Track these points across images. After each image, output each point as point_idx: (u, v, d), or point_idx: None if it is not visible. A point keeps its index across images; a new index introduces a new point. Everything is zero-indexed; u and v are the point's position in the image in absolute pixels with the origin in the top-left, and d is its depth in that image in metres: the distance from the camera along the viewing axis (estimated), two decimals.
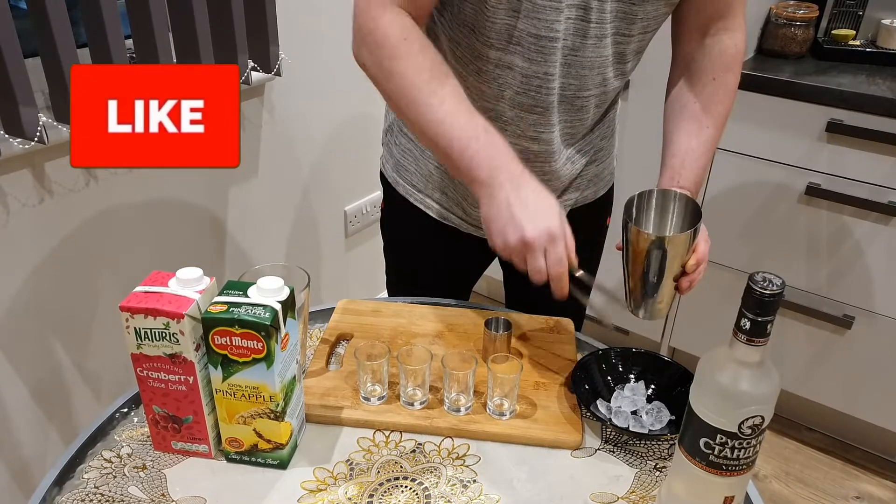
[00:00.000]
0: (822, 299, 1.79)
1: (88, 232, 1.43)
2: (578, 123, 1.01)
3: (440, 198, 1.12)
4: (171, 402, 0.79)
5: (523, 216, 0.81)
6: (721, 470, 0.68)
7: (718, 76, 0.99)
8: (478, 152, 0.83)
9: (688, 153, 0.99)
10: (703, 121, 0.99)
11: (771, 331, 0.63)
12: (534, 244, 0.81)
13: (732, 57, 1.00)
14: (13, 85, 1.14)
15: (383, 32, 0.84)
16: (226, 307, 0.73)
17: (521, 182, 0.83)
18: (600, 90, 0.98)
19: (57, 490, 0.79)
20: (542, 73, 0.92)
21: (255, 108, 1.69)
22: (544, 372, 0.95)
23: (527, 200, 0.82)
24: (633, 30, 0.92)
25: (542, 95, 0.95)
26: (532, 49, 0.90)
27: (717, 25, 0.99)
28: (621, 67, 0.97)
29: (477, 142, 0.83)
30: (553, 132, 1.00)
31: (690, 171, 0.98)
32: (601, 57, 0.93)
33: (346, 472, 0.81)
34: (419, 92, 0.83)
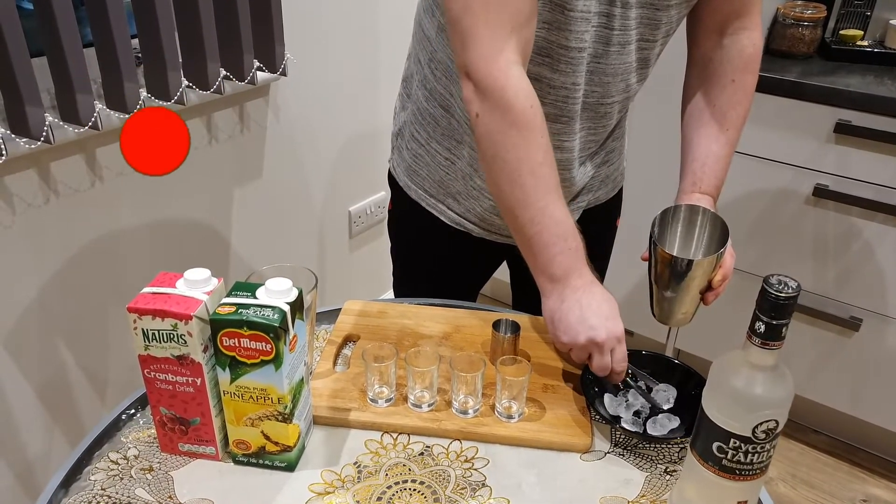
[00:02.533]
0: (829, 301, 1.78)
1: (94, 232, 1.43)
2: (602, 130, 1.01)
3: (452, 203, 1.11)
4: (178, 403, 0.78)
5: (595, 321, 0.85)
6: (734, 474, 0.67)
7: (738, 77, 0.99)
8: (562, 253, 0.86)
9: (708, 157, 0.99)
10: (723, 124, 0.99)
11: (786, 334, 0.62)
12: (604, 345, 0.85)
13: (751, 56, 0.99)
14: (19, 84, 1.14)
15: (513, 94, 0.81)
16: (234, 308, 0.72)
17: (592, 288, 0.87)
18: (623, 96, 0.98)
19: (63, 492, 0.78)
20: (569, 84, 0.92)
21: (260, 109, 1.69)
22: (553, 374, 0.94)
23: (598, 305, 0.86)
24: (656, 35, 0.92)
25: (569, 105, 0.94)
26: (562, 60, 0.89)
27: (735, 25, 0.98)
28: (644, 72, 0.97)
29: (564, 243, 0.86)
30: (574, 140, 0.99)
31: (711, 175, 0.99)
32: (625, 63, 0.93)
33: (354, 475, 0.80)
34: (529, 174, 0.83)
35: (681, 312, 0.96)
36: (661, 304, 0.95)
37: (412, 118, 1.09)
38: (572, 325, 0.86)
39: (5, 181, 1.26)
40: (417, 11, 1.03)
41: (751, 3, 0.98)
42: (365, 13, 1.87)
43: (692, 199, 1.00)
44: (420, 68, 1.04)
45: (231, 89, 1.54)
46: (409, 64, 1.09)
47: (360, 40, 1.88)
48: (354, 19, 1.85)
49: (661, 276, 0.92)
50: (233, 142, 1.65)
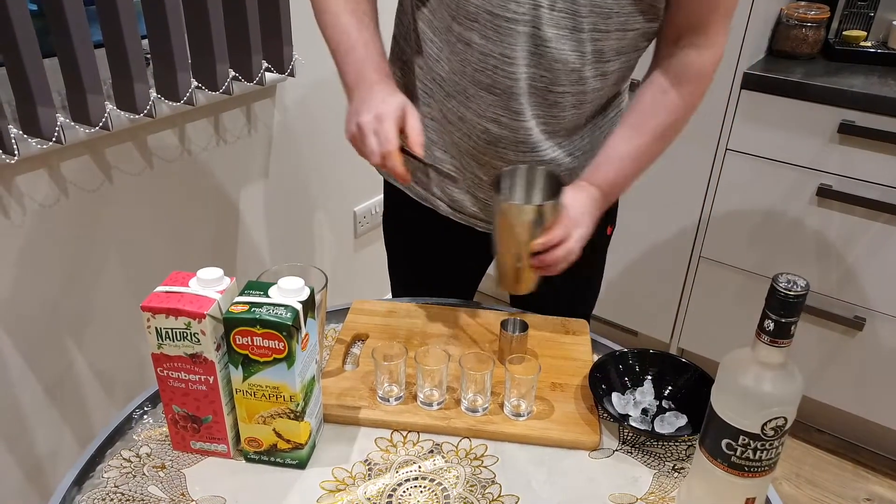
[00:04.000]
0: (833, 301, 1.79)
1: (104, 232, 1.44)
2: (553, 121, 0.99)
3: (420, 179, 1.12)
4: (190, 401, 0.79)
5: (362, 108, 0.92)
6: (743, 471, 0.68)
7: (671, 90, 0.97)
8: (350, 63, 0.96)
9: (612, 154, 0.99)
10: (640, 129, 0.98)
11: (794, 332, 0.63)
12: (364, 127, 0.90)
13: (694, 73, 0.96)
14: (31, 85, 1.15)
15: None
16: (247, 307, 0.73)
17: (373, 86, 0.94)
18: (577, 88, 0.95)
19: (77, 489, 0.79)
20: (497, 54, 0.92)
21: (267, 109, 1.70)
22: (560, 373, 0.95)
23: (371, 98, 0.92)
24: (609, 25, 0.90)
25: (500, 77, 0.93)
26: (488, 27, 0.90)
27: (689, 39, 0.95)
28: (601, 67, 0.94)
29: (353, 53, 0.96)
30: (523, 121, 0.97)
31: (607, 172, 0.99)
32: (577, 52, 0.91)
33: (365, 472, 0.81)
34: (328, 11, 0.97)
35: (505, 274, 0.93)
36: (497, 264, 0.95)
37: None
38: (348, 120, 0.94)
39: (16, 181, 1.27)
40: None
41: (709, 21, 0.94)
42: None
43: (581, 187, 0.98)
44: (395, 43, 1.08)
45: (239, 90, 1.55)
46: None
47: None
48: None
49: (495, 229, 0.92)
50: (240, 142, 1.66)
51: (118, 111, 1.34)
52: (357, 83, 0.95)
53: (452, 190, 1.09)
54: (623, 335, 2.25)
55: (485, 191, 1.06)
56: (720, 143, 1.80)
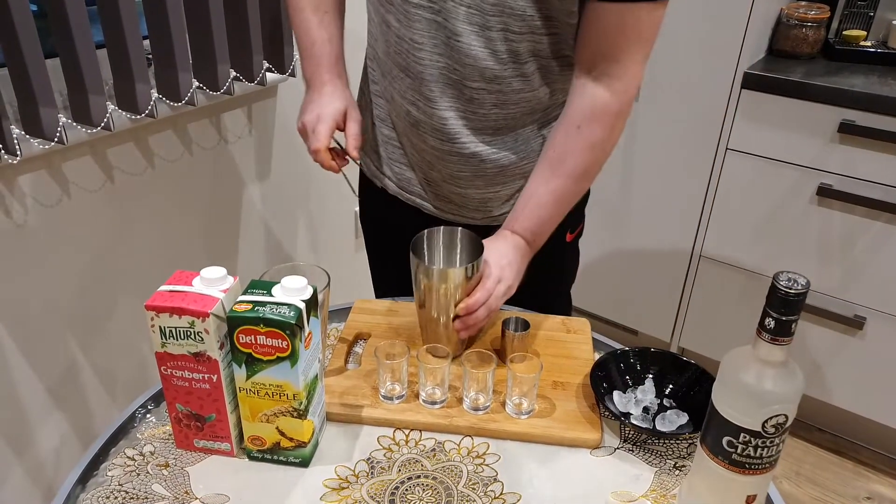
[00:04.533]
0: (833, 300, 1.79)
1: (104, 232, 1.44)
2: (475, 117, 0.98)
3: (367, 158, 1.17)
4: (194, 400, 0.80)
5: (308, 107, 1.02)
6: (744, 468, 0.68)
7: (584, 126, 0.93)
8: (308, 59, 1.04)
9: (531, 199, 0.97)
10: (556, 169, 0.95)
11: (795, 330, 0.63)
12: (306, 126, 1.00)
13: (602, 108, 0.92)
14: (33, 85, 1.15)
15: None
16: (251, 306, 0.74)
17: (323, 88, 1.03)
18: (494, 87, 0.94)
19: (81, 488, 0.79)
20: (408, 38, 0.94)
21: (268, 109, 1.70)
22: (562, 371, 0.95)
23: (319, 99, 1.02)
24: (521, 27, 0.89)
25: (411, 62, 0.96)
26: (399, 10, 0.93)
27: (602, 67, 0.90)
28: (520, 68, 0.93)
29: (311, 49, 1.04)
30: (437, 109, 0.98)
31: (528, 217, 0.97)
32: (489, 50, 0.91)
33: (368, 471, 0.81)
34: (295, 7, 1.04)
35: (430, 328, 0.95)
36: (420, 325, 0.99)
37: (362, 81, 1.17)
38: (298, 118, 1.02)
39: (19, 181, 1.27)
40: None
41: (622, 51, 0.88)
42: None
43: (503, 237, 0.98)
44: None
45: (240, 90, 1.55)
46: None
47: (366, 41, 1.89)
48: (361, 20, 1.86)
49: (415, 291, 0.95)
50: (242, 142, 1.67)
51: (120, 111, 1.34)
52: (311, 82, 1.04)
53: (401, 168, 1.11)
54: (623, 334, 2.25)
55: (424, 169, 1.08)
56: (720, 143, 1.81)
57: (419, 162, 1.08)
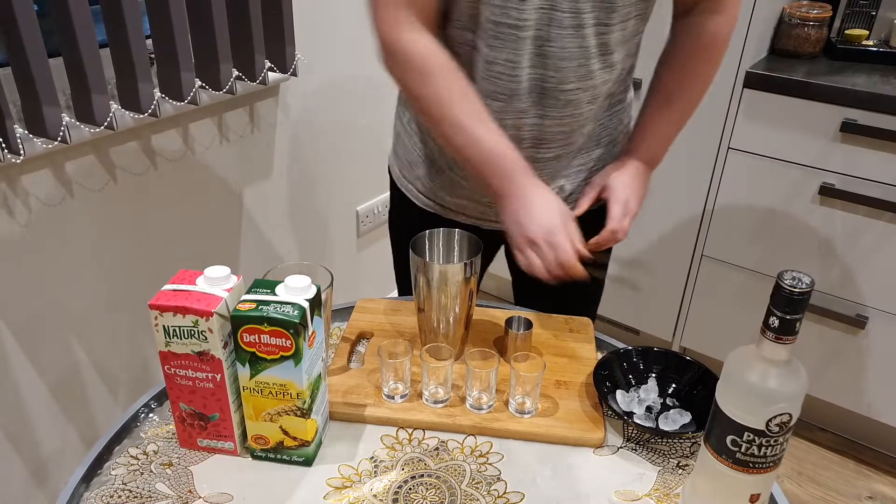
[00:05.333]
0: (835, 299, 1.79)
1: (109, 231, 1.44)
2: (570, 120, 1.00)
3: (420, 187, 1.14)
4: (198, 399, 0.80)
5: (526, 218, 0.93)
6: (748, 467, 0.68)
7: (694, 58, 1.02)
8: (494, 169, 0.93)
9: (648, 127, 1.05)
10: (670, 98, 1.04)
11: (799, 329, 0.63)
12: (536, 239, 0.92)
13: (710, 38, 1.01)
14: (36, 85, 1.15)
15: (407, 47, 0.92)
16: (255, 305, 0.74)
17: (528, 191, 0.93)
18: (587, 83, 0.96)
19: (85, 486, 0.79)
20: (502, 60, 0.93)
21: (270, 108, 1.70)
22: (565, 371, 0.96)
23: (530, 205, 0.93)
24: (613, 18, 0.91)
25: (504, 82, 0.95)
26: (490, 34, 0.92)
27: (702, 6, 1.00)
28: (607, 59, 0.96)
29: (496, 163, 0.93)
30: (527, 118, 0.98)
31: (649, 144, 1.05)
32: (581, 48, 0.92)
33: (371, 469, 0.81)
34: (446, 111, 0.93)
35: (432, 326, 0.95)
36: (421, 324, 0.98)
37: (400, 101, 1.15)
38: (512, 230, 0.95)
39: (22, 180, 1.27)
40: None
41: None
42: None
43: (627, 162, 1.05)
44: None
45: (242, 89, 1.55)
46: None
47: (369, 41, 1.89)
48: (364, 20, 1.86)
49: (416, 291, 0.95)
50: (243, 142, 1.67)
51: (123, 111, 1.34)
52: (506, 189, 0.94)
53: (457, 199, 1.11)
54: (625, 334, 2.25)
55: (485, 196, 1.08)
56: (722, 142, 1.80)
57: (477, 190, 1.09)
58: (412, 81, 0.93)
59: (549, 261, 0.91)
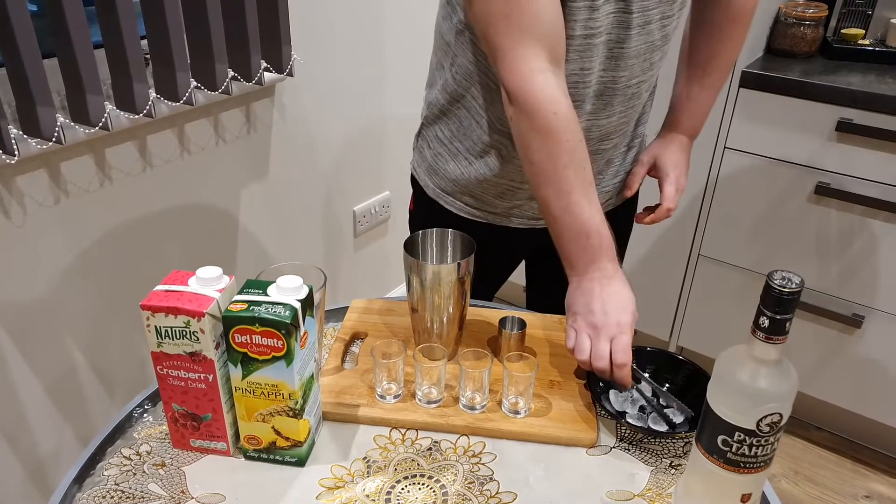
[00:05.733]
0: (831, 298, 1.79)
1: (103, 232, 1.44)
2: (633, 111, 1.04)
3: (469, 200, 1.13)
4: (190, 399, 0.80)
5: (598, 306, 0.88)
6: (739, 467, 0.68)
7: (724, 26, 1.05)
8: (584, 249, 0.90)
9: (688, 100, 1.11)
10: (706, 68, 1.08)
11: (789, 329, 0.63)
12: (601, 331, 0.87)
13: (739, 7, 1.04)
14: (31, 85, 1.15)
15: (537, 101, 0.85)
16: (246, 305, 0.74)
17: (610, 281, 0.90)
18: (649, 74, 1.00)
19: (77, 487, 0.79)
20: (577, 70, 0.93)
21: (266, 109, 1.70)
22: (558, 370, 0.96)
23: (608, 296, 0.89)
24: (673, 8, 0.94)
25: (576, 90, 0.94)
26: (569, 48, 0.90)
27: None
28: (665, 48, 1.00)
29: (587, 240, 0.89)
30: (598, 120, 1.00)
31: (690, 116, 1.11)
32: (647, 43, 0.94)
33: (364, 470, 0.81)
34: (559, 174, 0.88)
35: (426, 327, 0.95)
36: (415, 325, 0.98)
37: (436, 119, 1.11)
38: (577, 311, 0.90)
39: (17, 181, 1.27)
40: (437, 20, 1.05)
41: None
42: (371, 14, 1.88)
43: (671, 138, 1.11)
44: (443, 73, 1.05)
45: (238, 90, 1.55)
46: (432, 70, 1.10)
47: (365, 41, 1.90)
48: (360, 20, 1.86)
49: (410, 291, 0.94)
50: (239, 142, 1.67)
51: (118, 111, 1.34)
52: (587, 269, 0.90)
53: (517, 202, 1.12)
54: None
55: None
56: (718, 142, 1.81)
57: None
58: (534, 142, 0.88)
59: (603, 355, 0.86)
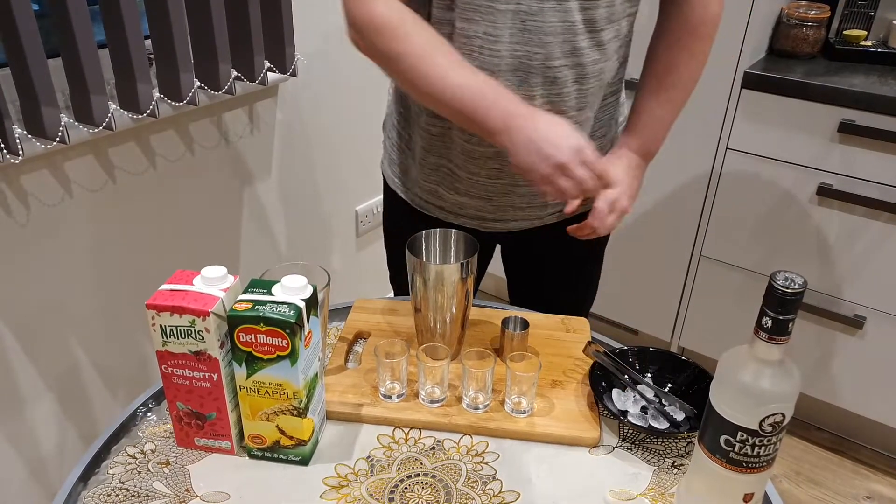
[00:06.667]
0: (833, 299, 1.79)
1: (107, 232, 1.45)
2: (559, 101, 0.97)
3: (417, 191, 1.14)
4: (195, 398, 0.80)
5: (547, 146, 0.86)
6: (741, 467, 0.69)
7: (682, 37, 1.01)
8: (487, 108, 0.88)
9: (644, 115, 1.04)
10: (663, 81, 1.03)
11: (792, 329, 0.64)
12: (568, 165, 0.87)
13: (700, 19, 1.00)
14: (35, 85, 1.16)
15: (380, 20, 0.89)
16: (251, 305, 0.74)
17: (533, 118, 0.88)
18: (573, 61, 0.94)
19: (82, 485, 0.80)
20: (482, 34, 0.92)
21: (269, 108, 1.71)
22: (561, 370, 0.96)
23: (545, 131, 0.87)
24: None
25: (485, 57, 0.93)
26: (468, 9, 0.91)
27: None
28: (596, 37, 0.94)
29: (484, 99, 0.88)
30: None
31: (645, 133, 1.04)
32: (566, 23, 0.91)
33: (367, 469, 0.82)
34: (424, 67, 0.89)
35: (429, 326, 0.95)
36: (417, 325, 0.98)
37: (391, 108, 1.15)
38: (533, 163, 0.88)
39: (21, 180, 1.27)
40: None
41: None
42: None
43: (621, 154, 1.04)
44: None
45: (241, 90, 1.56)
46: None
47: None
48: None
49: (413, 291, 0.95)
50: (243, 142, 1.67)
51: (121, 111, 1.35)
52: (508, 121, 0.88)
53: (453, 195, 1.10)
54: (624, 334, 2.25)
55: (485, 185, 1.07)
56: (720, 142, 1.81)
57: (478, 181, 1.07)
58: (386, 42, 0.89)
59: (585, 179, 0.87)
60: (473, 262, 0.92)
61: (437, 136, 1.05)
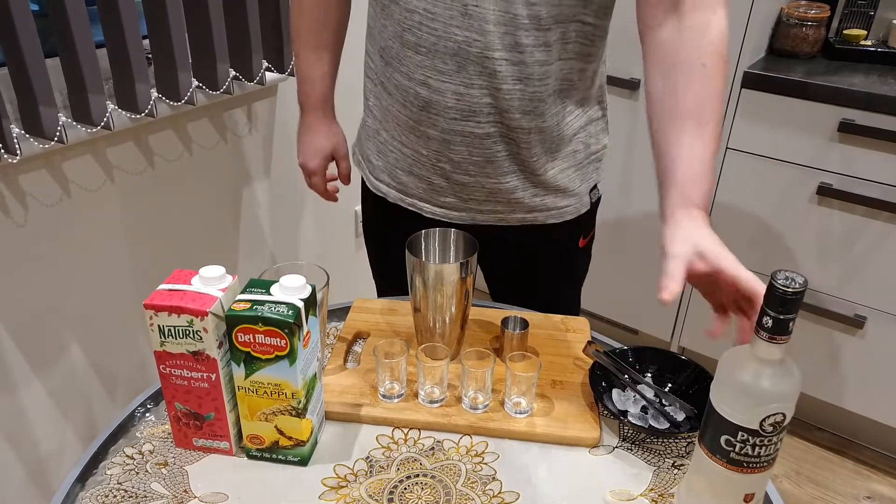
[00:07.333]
0: (833, 299, 1.79)
1: (106, 231, 1.44)
2: (499, 95, 0.94)
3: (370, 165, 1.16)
4: (193, 399, 0.80)
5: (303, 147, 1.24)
6: (742, 467, 0.68)
7: (708, 61, 0.85)
8: (301, 93, 1.19)
9: (693, 162, 0.84)
10: (700, 119, 0.84)
11: (793, 328, 0.63)
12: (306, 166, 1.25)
13: (717, 38, 0.85)
14: (33, 85, 1.16)
15: None
16: (249, 305, 0.74)
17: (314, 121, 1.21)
18: (516, 58, 0.91)
19: (80, 486, 0.79)
20: (421, 10, 0.91)
21: (267, 108, 1.70)
22: (561, 370, 0.96)
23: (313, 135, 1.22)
24: None
25: (424, 35, 0.92)
26: None
27: (691, 2, 0.85)
28: (541, 37, 0.90)
29: (300, 85, 1.19)
30: (452, 84, 0.94)
31: (701, 182, 0.83)
32: (507, 14, 0.89)
33: (367, 469, 0.81)
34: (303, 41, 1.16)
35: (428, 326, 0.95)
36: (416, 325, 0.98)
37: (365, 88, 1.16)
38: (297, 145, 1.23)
39: (19, 180, 1.27)
40: None
41: None
42: None
43: (683, 215, 0.84)
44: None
45: (240, 89, 1.55)
46: None
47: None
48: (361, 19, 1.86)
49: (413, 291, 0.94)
50: (241, 141, 1.67)
51: (119, 111, 1.34)
52: (304, 113, 1.21)
53: (400, 172, 1.09)
54: (624, 334, 2.25)
55: (427, 168, 1.05)
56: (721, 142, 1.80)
57: (422, 159, 1.04)
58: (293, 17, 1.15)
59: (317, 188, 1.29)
60: (473, 262, 0.92)
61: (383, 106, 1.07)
